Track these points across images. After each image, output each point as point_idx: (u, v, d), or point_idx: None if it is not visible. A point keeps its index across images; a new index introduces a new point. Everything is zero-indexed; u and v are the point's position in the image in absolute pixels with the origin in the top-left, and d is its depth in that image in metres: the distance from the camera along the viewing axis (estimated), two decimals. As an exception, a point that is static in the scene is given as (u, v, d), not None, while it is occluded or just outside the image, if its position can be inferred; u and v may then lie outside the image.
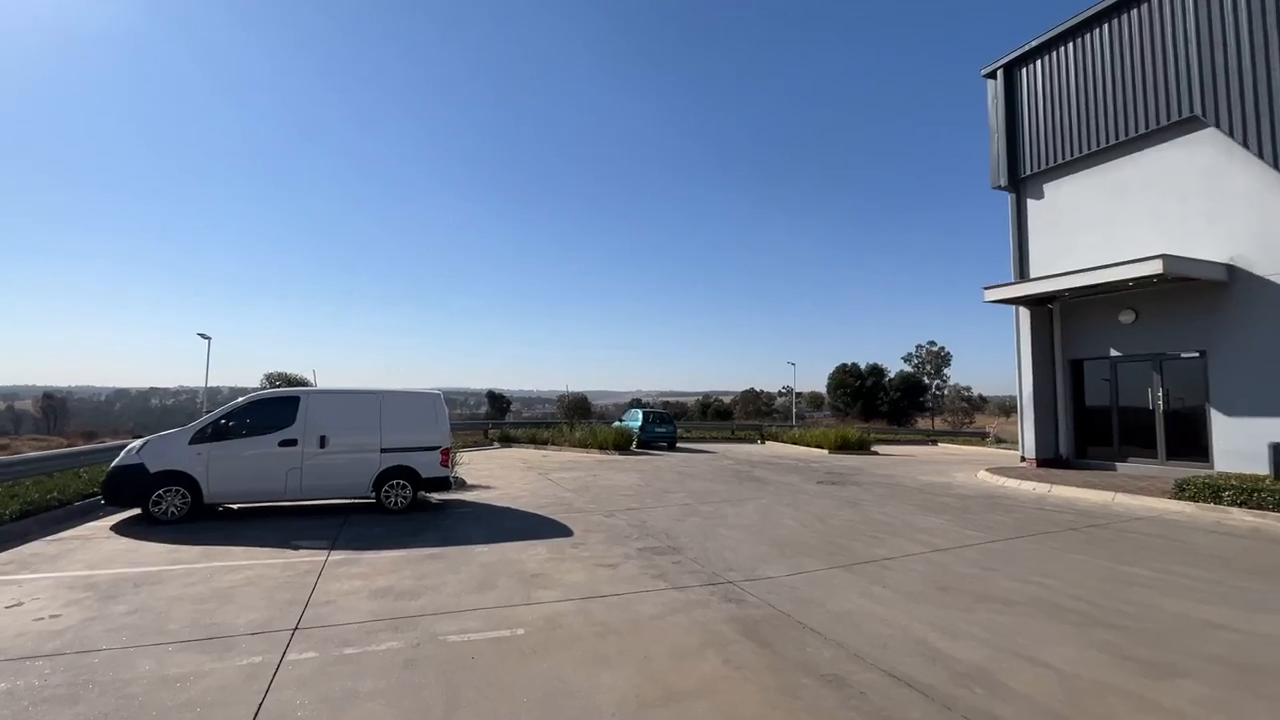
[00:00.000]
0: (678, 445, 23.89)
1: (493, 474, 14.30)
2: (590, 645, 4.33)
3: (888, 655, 4.20)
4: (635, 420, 23.63)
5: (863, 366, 68.08)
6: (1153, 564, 6.58)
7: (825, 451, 22.07)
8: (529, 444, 22.93)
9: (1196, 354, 12.32)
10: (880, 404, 65.45)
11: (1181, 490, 9.66)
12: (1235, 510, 8.85)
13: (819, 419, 62.09)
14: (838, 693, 3.66)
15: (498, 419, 45.84)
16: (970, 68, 22.48)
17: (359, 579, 5.89)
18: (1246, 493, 8.88)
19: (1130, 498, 10.17)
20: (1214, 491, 9.23)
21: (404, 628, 4.62)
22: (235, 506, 9.52)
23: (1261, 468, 10.15)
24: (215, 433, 8.71)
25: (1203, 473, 10.85)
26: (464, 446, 20.15)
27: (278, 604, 5.13)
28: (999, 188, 16.16)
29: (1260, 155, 11.26)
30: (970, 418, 65.72)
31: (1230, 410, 11.70)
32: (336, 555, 6.80)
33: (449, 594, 5.44)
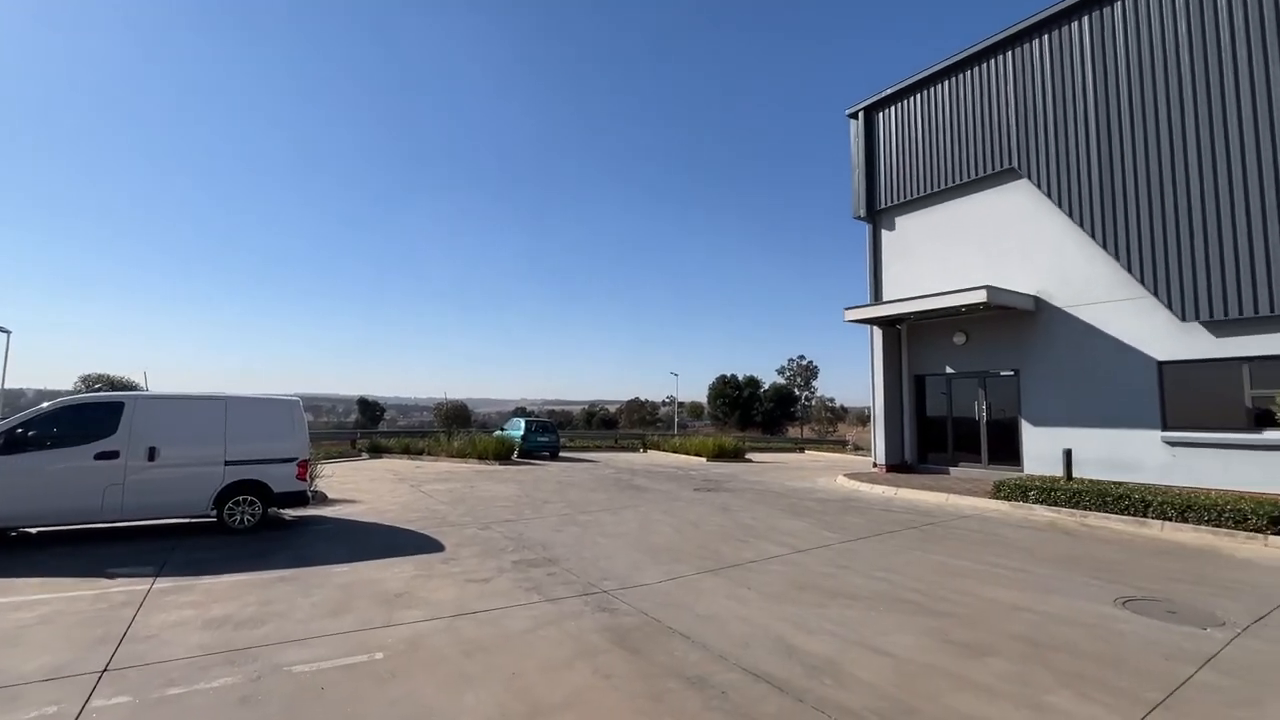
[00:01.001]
0: (561, 454, 23.70)
1: (359, 487, 13.36)
2: (455, 665, 4.16)
3: (749, 654, 4.43)
4: (517, 429, 23.14)
5: (740, 378, 71.64)
6: (974, 556, 7.49)
7: (704, 459, 22.89)
8: (402, 454, 21.69)
9: (1011, 372, 14.28)
10: (755, 414, 69.19)
11: (998, 491, 11.12)
12: (1038, 507, 10.33)
13: (699, 428, 64.39)
14: (701, 694, 3.80)
15: (369, 428, 42.90)
16: (837, 110, 24.51)
17: (190, 608, 5.24)
18: (1046, 492, 10.41)
19: (960, 498, 11.53)
20: (1022, 491, 10.71)
21: (242, 660, 4.17)
22: (33, 531, 8.12)
23: (1058, 470, 11.94)
24: (8, 443, 7.38)
25: (1015, 475, 12.55)
26: (327, 457, 18.64)
27: (82, 643, 4.43)
28: (859, 218, 17.78)
29: (1060, 206, 13.33)
30: (834, 427, 71.12)
31: (1036, 421, 13.67)
32: (164, 583, 6.01)
33: (299, 620, 4.99)
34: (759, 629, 4.94)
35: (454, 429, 25.52)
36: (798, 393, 73.85)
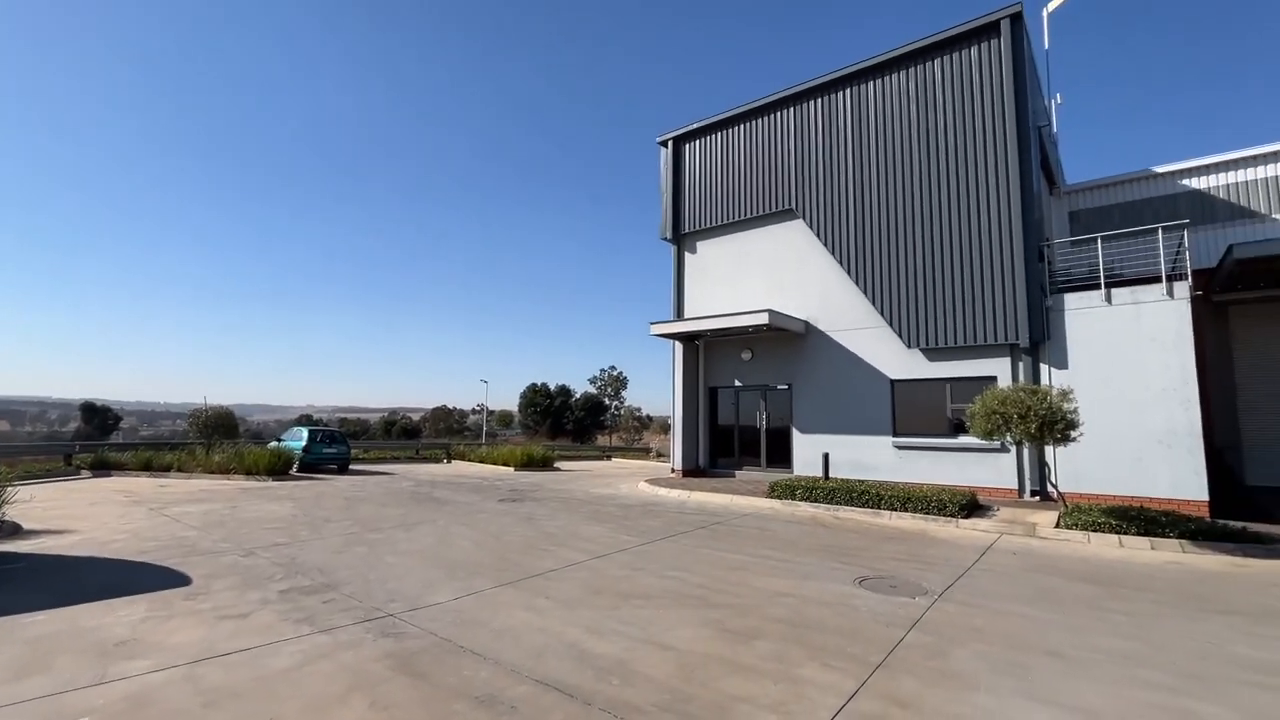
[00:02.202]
0: (353, 467, 21.57)
1: (74, 513, 10.78)
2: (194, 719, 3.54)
3: (541, 664, 4.43)
4: (299, 440, 20.56)
5: (553, 387, 72.01)
6: (750, 550, 8.36)
7: (511, 469, 22.50)
8: (143, 471, 17.97)
9: (786, 386, 16.33)
10: (567, 422, 70.00)
11: (772, 491, 12.59)
12: (803, 504, 11.90)
13: (509, 437, 63.25)
14: (490, 711, 3.70)
15: (96, 439, 34.98)
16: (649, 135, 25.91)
17: None
18: (809, 490, 12.04)
19: (743, 499, 12.82)
20: (790, 491, 12.27)
21: None
22: None
23: (819, 471, 13.89)
24: None
25: (786, 476, 14.32)
26: (27, 476, 14.76)
27: None
28: (665, 239, 19.02)
29: (826, 246, 15.64)
30: (640, 435, 74.56)
31: (804, 429, 15.78)
32: None
33: (-39, 690, 3.86)
34: (554, 638, 4.97)
35: (216, 440, 21.79)
36: (608, 402, 76.28)
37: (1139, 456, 11.15)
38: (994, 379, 12.82)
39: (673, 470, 17.85)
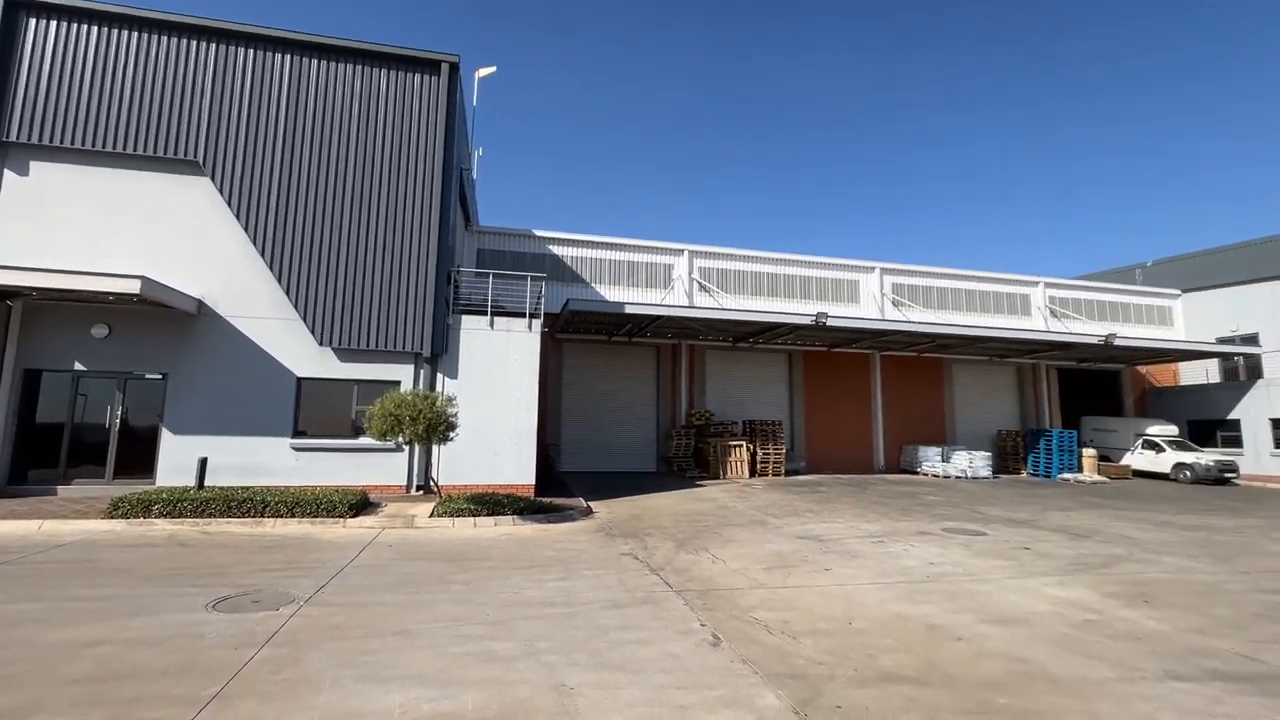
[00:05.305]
0: None
1: None
2: None
3: None
4: None
5: None
6: (53, 595, 6.16)
7: None
8: None
9: (161, 376, 13.11)
10: None
11: (116, 508, 9.75)
12: (160, 521, 9.66)
13: None
14: None
15: None
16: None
17: None
18: (172, 503, 9.89)
19: (61, 523, 9.43)
20: (145, 506, 9.80)
21: None
22: None
23: (193, 480, 11.67)
24: None
25: (143, 488, 11.42)
26: None
27: None
28: (-34, 139, 12.55)
29: (238, 217, 13.52)
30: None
31: (179, 429, 12.97)
32: None
33: None
34: None
35: None
36: None
37: (498, 451, 13.98)
38: (398, 383, 13.74)
39: (-72, 491, 11.59)
